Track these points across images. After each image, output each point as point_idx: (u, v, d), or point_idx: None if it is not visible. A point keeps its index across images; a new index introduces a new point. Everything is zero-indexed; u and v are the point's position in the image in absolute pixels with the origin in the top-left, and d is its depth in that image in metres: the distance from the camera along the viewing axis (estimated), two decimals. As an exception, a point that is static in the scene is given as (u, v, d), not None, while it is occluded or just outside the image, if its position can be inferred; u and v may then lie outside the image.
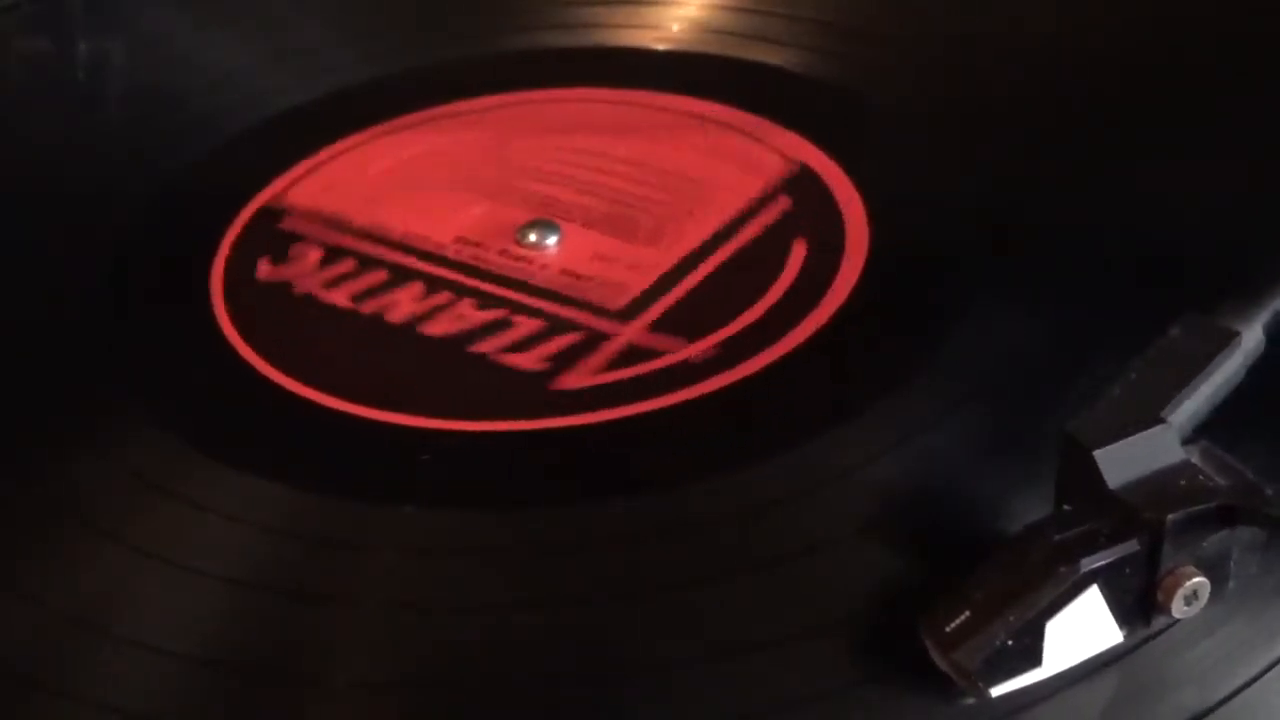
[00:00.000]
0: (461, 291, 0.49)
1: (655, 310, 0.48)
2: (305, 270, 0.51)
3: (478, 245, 0.51)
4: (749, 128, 0.55)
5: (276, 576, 0.40)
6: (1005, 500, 0.38)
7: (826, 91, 0.57)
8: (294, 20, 0.65)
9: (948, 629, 0.34)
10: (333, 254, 0.52)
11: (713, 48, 0.61)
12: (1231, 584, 0.35)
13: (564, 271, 0.50)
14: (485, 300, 0.49)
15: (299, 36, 0.64)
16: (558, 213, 0.52)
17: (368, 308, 0.49)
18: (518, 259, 0.50)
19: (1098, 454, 0.35)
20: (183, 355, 0.48)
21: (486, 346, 0.47)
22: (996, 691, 0.33)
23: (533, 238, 0.51)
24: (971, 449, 0.41)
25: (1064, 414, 0.36)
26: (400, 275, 0.50)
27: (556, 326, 0.47)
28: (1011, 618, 0.33)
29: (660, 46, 0.62)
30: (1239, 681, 0.35)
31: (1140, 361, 0.38)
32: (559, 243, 0.51)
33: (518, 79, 0.60)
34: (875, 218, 0.50)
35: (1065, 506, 0.35)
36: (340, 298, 0.50)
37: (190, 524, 0.41)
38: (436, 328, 0.48)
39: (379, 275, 0.51)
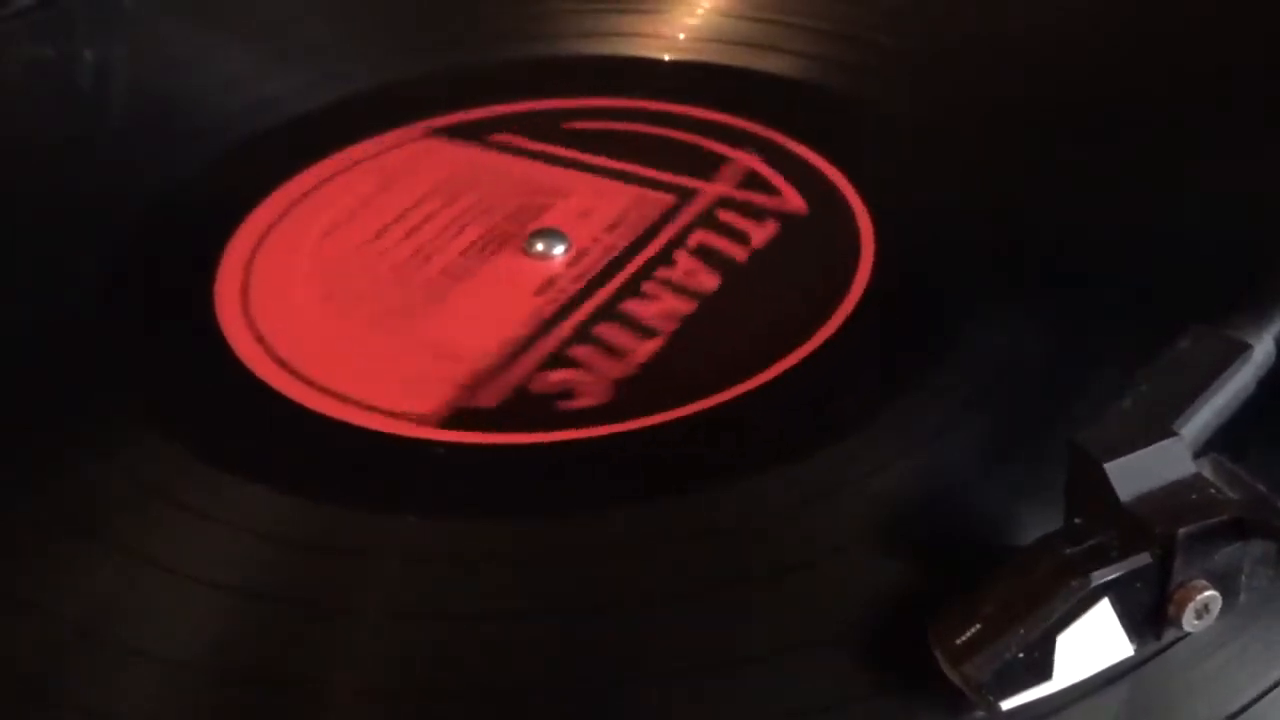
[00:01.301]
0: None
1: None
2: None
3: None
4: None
5: (278, 584, 0.39)
6: (1013, 509, 0.38)
7: (829, 99, 0.57)
8: (298, 25, 0.65)
9: (958, 641, 0.34)
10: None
11: (715, 57, 0.61)
12: (1243, 597, 0.35)
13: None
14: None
15: (304, 42, 0.64)
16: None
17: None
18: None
19: (1109, 467, 0.34)
20: (185, 363, 0.48)
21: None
22: (1007, 704, 0.33)
23: (540, 246, 0.51)
24: (979, 458, 0.41)
25: (1073, 423, 0.36)
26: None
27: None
28: (1022, 631, 0.33)
29: (666, 56, 0.62)
30: (1250, 695, 0.35)
31: (1150, 373, 0.37)
32: (567, 250, 0.50)
33: (522, 86, 0.60)
34: (880, 226, 0.50)
35: (1075, 519, 0.35)
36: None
37: (192, 532, 0.41)
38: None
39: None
